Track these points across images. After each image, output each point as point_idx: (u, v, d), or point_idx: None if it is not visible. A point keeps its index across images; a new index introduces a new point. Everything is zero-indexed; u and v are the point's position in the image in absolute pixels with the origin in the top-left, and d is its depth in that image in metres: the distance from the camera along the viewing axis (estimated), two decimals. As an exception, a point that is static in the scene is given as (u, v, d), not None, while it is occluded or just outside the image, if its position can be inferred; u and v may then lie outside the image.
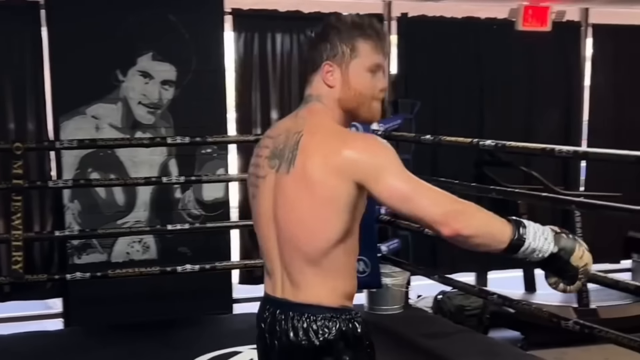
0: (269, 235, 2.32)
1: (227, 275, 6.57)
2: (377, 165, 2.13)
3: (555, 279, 2.26)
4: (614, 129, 7.76)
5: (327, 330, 2.24)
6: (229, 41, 6.67)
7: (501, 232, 2.14)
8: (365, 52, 2.25)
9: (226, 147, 6.54)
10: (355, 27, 2.26)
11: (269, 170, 2.30)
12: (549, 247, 2.17)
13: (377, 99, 2.30)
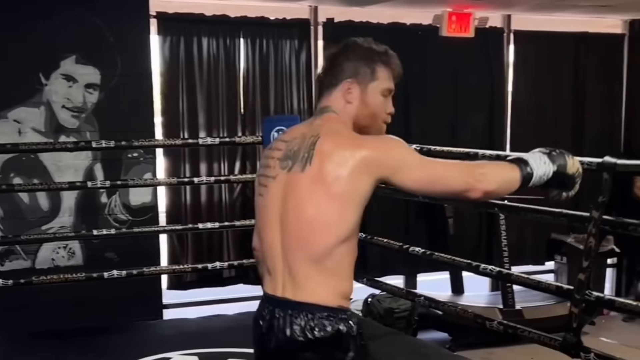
0: (273, 234, 2.42)
1: (155, 280, 6.49)
2: (397, 158, 2.34)
3: (557, 191, 2.56)
4: (536, 133, 7.94)
5: (323, 328, 2.34)
6: (155, 45, 6.59)
7: (514, 176, 2.43)
8: (382, 76, 2.47)
9: (153, 151, 6.47)
10: (376, 52, 2.48)
11: (280, 171, 2.42)
12: (550, 169, 2.48)
13: (385, 121, 2.52)
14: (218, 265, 6.20)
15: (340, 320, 2.37)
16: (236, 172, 6.86)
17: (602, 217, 3.49)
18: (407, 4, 6.84)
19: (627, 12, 7.72)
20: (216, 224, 6.22)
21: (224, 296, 7.09)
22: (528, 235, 7.85)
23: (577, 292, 3.63)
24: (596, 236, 3.55)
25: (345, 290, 2.42)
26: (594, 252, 3.58)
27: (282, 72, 6.98)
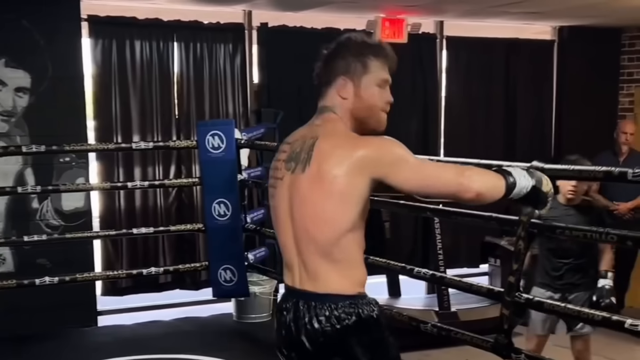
0: (287, 231, 2.56)
1: (89, 287, 6.42)
2: (394, 160, 2.43)
3: (531, 208, 2.68)
4: (469, 137, 8.06)
5: (347, 316, 2.48)
6: (86, 48, 6.51)
7: (500, 184, 2.56)
8: (375, 68, 2.54)
9: (86, 156, 6.41)
10: (366, 46, 2.56)
11: (286, 172, 2.56)
12: (529, 183, 2.61)
13: (384, 110, 2.59)
14: (153, 270, 6.16)
15: (361, 306, 2.50)
16: (171, 177, 6.81)
17: (530, 221, 3.56)
18: (341, 9, 6.88)
19: (556, 19, 7.90)
20: (151, 229, 6.19)
21: (160, 302, 7.03)
22: (463, 239, 7.97)
23: (507, 295, 3.70)
24: (525, 239, 3.62)
25: (359, 277, 2.54)
26: (524, 255, 3.65)
27: (216, 76, 6.96)
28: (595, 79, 8.47)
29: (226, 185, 5.90)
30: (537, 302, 3.72)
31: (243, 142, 5.98)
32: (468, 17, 7.56)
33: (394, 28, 7.27)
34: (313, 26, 7.27)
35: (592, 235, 3.35)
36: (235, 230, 5.96)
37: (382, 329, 2.56)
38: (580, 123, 8.40)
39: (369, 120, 2.58)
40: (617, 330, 3.24)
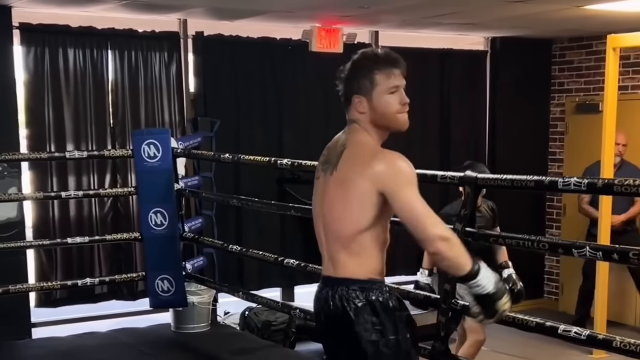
0: (320, 226, 3.01)
1: (23, 298, 6.28)
2: (398, 183, 2.79)
3: (480, 309, 2.84)
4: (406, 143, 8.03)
5: (356, 298, 2.87)
6: (18, 56, 6.41)
7: (465, 263, 2.77)
8: (381, 80, 2.89)
9: (19, 165, 6.29)
10: (373, 61, 2.92)
11: (321, 174, 3.02)
12: (489, 288, 2.77)
13: (401, 112, 2.94)
14: (89, 281, 6.09)
15: (371, 290, 2.89)
16: (106, 186, 6.73)
17: (465, 229, 3.63)
18: (277, 18, 6.90)
19: (488, 30, 8.04)
20: (86, 239, 6.11)
21: (96, 313, 6.94)
22: (401, 246, 8.01)
23: (443, 302, 3.76)
24: (461, 247, 3.69)
25: (374, 266, 2.92)
26: (459, 263, 3.71)
27: (152, 84, 6.90)
28: (527, 89, 8.66)
29: (163, 195, 5.86)
30: (473, 309, 3.79)
31: (179, 151, 5.95)
32: (403, 28, 7.65)
33: (330, 38, 7.31)
34: (249, 35, 7.27)
35: (525, 243, 3.43)
36: (172, 240, 5.92)
37: (390, 315, 2.89)
38: (513, 132, 8.58)
39: (389, 124, 2.95)
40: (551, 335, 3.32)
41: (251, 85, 7.32)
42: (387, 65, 2.90)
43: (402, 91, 2.93)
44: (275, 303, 5.61)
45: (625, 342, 3.05)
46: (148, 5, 6.15)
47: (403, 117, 2.95)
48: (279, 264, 5.30)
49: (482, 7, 6.32)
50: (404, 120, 2.96)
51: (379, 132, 2.96)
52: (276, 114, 7.47)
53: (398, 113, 2.93)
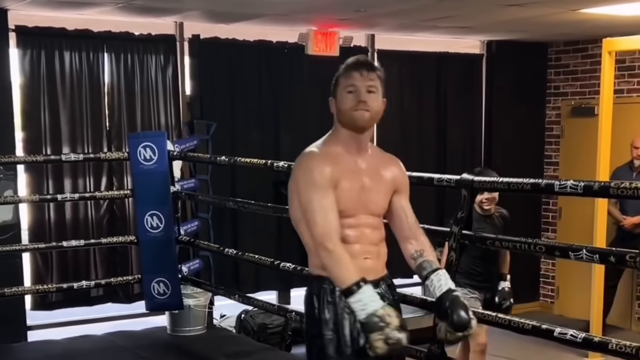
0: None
1: (18, 301, 6.27)
2: (301, 182, 3.03)
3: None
4: (402, 148, 8.13)
5: (307, 291, 3.09)
6: (14, 58, 6.40)
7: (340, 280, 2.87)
8: (342, 80, 3.06)
9: (14, 168, 6.28)
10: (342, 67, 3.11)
11: None
12: (360, 316, 2.78)
13: (355, 109, 3.00)
14: (84, 284, 6.09)
15: (315, 285, 3.04)
16: (102, 189, 6.72)
17: (461, 232, 3.64)
18: (273, 21, 6.90)
19: (484, 34, 8.06)
20: (82, 242, 6.11)
21: (92, 316, 6.93)
22: (397, 249, 8.01)
23: (439, 305, 3.75)
24: (457, 250, 3.70)
25: (319, 263, 2.97)
26: (456, 266, 3.72)
27: (148, 87, 6.90)
28: (523, 92, 8.68)
29: (159, 197, 5.87)
30: (469, 311, 3.79)
31: (175, 153, 5.96)
32: (399, 31, 7.66)
33: (326, 41, 7.32)
34: (245, 38, 7.27)
35: (522, 245, 3.43)
36: (168, 243, 5.92)
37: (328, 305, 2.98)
38: (509, 135, 8.60)
39: (346, 121, 3.04)
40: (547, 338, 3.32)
41: (247, 88, 7.32)
42: (348, 68, 3.06)
43: (360, 91, 2.99)
44: (271, 306, 5.62)
45: (621, 345, 3.06)
46: (144, 9, 6.15)
47: (358, 114, 2.99)
48: (275, 268, 5.30)
49: (478, 10, 6.33)
50: (357, 116, 2.99)
51: (344, 131, 3.06)
52: (272, 117, 7.48)
53: (352, 110, 2.99)
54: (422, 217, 4.26)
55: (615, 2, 5.93)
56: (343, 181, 2.97)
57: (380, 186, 3.10)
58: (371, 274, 3.01)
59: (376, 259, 3.13)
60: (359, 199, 3.01)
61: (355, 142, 3.06)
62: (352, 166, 3.03)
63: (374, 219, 3.10)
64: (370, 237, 3.09)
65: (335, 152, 3.04)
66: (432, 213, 8.01)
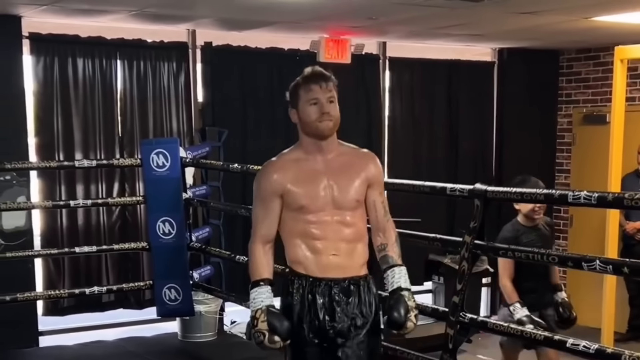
0: None
1: (30, 306, 6.30)
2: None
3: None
4: (412, 156, 8.16)
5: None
6: (28, 65, 6.44)
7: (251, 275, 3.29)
8: (303, 93, 3.25)
9: (27, 174, 6.31)
10: (300, 79, 3.30)
11: None
12: (250, 313, 3.21)
13: (320, 121, 3.22)
14: (96, 290, 6.11)
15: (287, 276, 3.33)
16: (115, 195, 6.75)
17: (474, 242, 3.64)
18: (285, 29, 6.92)
19: (496, 41, 8.06)
20: (94, 248, 6.13)
21: (103, 322, 6.95)
22: (406, 256, 7.97)
23: (452, 314, 3.77)
24: (469, 260, 3.70)
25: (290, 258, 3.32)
26: (468, 275, 3.72)
27: (160, 94, 6.93)
28: (535, 100, 8.67)
29: (171, 204, 5.88)
30: (481, 321, 3.80)
31: (188, 160, 5.98)
32: (411, 39, 7.67)
33: (338, 48, 7.33)
34: (257, 45, 7.30)
35: (534, 256, 3.43)
36: (180, 249, 5.93)
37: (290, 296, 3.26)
38: (521, 142, 8.59)
39: (310, 131, 3.26)
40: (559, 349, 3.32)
41: (259, 95, 7.33)
42: (307, 81, 3.25)
43: (322, 103, 3.21)
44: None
45: (634, 356, 3.05)
46: (157, 16, 6.18)
47: (323, 125, 3.22)
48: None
49: (490, 18, 6.33)
50: (323, 127, 3.23)
51: (307, 139, 3.30)
52: (284, 124, 7.47)
53: (318, 122, 3.22)
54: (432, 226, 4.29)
55: (628, 9, 5.93)
56: (298, 183, 3.25)
57: (348, 182, 3.29)
58: (337, 272, 3.23)
59: (346, 257, 3.26)
60: (323, 196, 3.24)
61: (317, 147, 3.29)
62: (313, 168, 3.28)
63: (345, 215, 3.27)
64: (340, 234, 3.25)
65: (295, 157, 3.32)
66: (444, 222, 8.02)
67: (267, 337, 3.11)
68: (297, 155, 3.32)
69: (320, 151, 3.29)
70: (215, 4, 5.74)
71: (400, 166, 7.90)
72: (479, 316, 3.88)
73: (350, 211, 3.27)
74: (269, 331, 3.10)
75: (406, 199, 7.80)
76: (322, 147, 3.28)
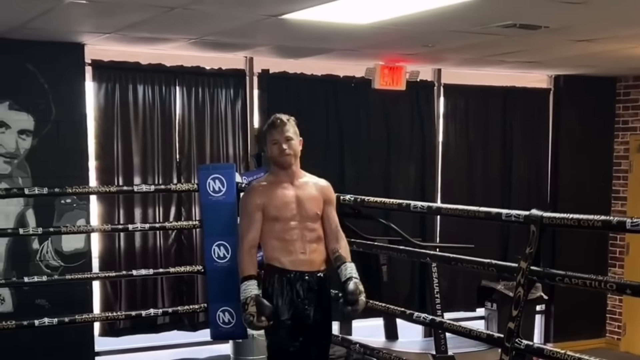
0: None
1: (88, 328, 6.40)
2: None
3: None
4: (466, 183, 8.13)
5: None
6: (90, 91, 6.60)
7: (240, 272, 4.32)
8: (268, 137, 4.40)
9: (87, 198, 6.44)
10: (266, 126, 4.47)
11: None
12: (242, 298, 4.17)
13: (280, 156, 4.36)
14: (152, 312, 6.18)
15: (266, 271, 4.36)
16: (171, 219, 6.85)
17: (530, 268, 3.62)
18: (341, 56, 6.99)
19: (552, 68, 8.02)
20: (150, 271, 6.21)
21: (158, 343, 7.03)
22: (459, 282, 7.98)
23: (507, 341, 3.74)
24: (525, 286, 3.68)
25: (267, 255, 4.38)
26: (523, 302, 3.70)
27: (217, 120, 7.04)
28: (591, 127, 8.61)
29: (226, 228, 5.93)
30: (537, 348, 3.77)
31: (243, 185, 6.04)
32: (466, 66, 7.68)
33: (393, 75, 7.36)
34: (313, 72, 7.38)
35: (592, 283, 3.41)
36: (234, 273, 5.90)
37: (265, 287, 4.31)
38: (576, 169, 8.52)
39: (275, 163, 4.40)
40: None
41: (314, 121, 7.40)
42: (269, 128, 4.40)
43: (281, 142, 4.32)
44: (335, 337, 5.62)
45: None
46: (216, 44, 6.29)
47: (282, 159, 4.35)
48: (338, 299, 5.33)
49: (546, 45, 6.32)
50: (283, 161, 4.35)
51: (276, 169, 4.43)
52: (337, 150, 7.54)
53: (279, 157, 4.35)
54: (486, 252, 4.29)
55: (687, 37, 5.87)
56: (273, 199, 4.31)
57: (311, 198, 4.38)
58: (305, 266, 4.28)
59: (312, 254, 4.32)
60: (291, 209, 4.31)
61: (284, 174, 4.40)
62: (284, 189, 4.35)
63: (311, 224, 4.34)
64: (308, 237, 4.32)
65: (270, 182, 4.41)
66: (497, 248, 7.97)
67: (256, 317, 4.05)
68: (271, 180, 4.42)
69: (287, 177, 4.38)
70: (273, 33, 5.83)
71: (454, 192, 7.89)
72: (534, 343, 3.84)
73: (312, 221, 4.35)
74: (257, 313, 4.04)
75: (459, 225, 7.83)
76: (289, 174, 4.38)
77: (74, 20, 5.46)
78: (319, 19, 5.18)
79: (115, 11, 5.02)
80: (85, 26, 5.73)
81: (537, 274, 3.66)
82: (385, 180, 7.75)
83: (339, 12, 4.94)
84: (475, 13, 4.99)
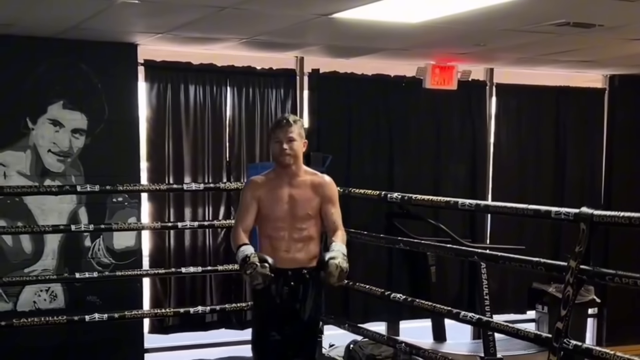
0: None
1: (137, 324, 6.48)
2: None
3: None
4: (517, 183, 8.03)
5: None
6: (142, 91, 6.67)
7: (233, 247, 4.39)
8: (273, 135, 4.47)
9: (139, 196, 6.51)
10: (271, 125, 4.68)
11: None
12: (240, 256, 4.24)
13: (280, 155, 4.40)
14: (200, 309, 6.23)
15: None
16: (220, 217, 6.89)
17: (579, 267, 3.55)
18: (392, 56, 6.96)
19: (607, 68, 7.88)
20: (199, 269, 6.27)
21: (206, 341, 7.08)
22: (510, 284, 7.89)
23: (555, 341, 3.68)
24: (574, 285, 3.61)
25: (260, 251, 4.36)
26: (572, 301, 3.63)
27: (267, 120, 7.06)
28: (646, 127, 8.44)
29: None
30: (586, 349, 3.69)
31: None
32: (518, 65, 7.59)
33: (444, 75, 7.31)
34: (363, 72, 7.36)
35: (642, 282, 3.33)
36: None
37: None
38: (631, 169, 8.36)
39: (276, 161, 4.46)
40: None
41: (364, 121, 7.39)
42: (274, 127, 4.49)
43: (283, 142, 4.37)
44: (380, 336, 5.60)
45: None
46: (267, 44, 6.32)
47: (281, 158, 4.40)
48: (386, 298, 5.31)
49: (600, 45, 6.21)
50: (281, 160, 4.41)
51: (276, 166, 4.50)
52: (387, 150, 7.51)
53: (279, 156, 4.41)
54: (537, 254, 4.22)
55: None
56: (267, 196, 4.42)
57: (304, 199, 4.43)
58: (287, 264, 4.34)
59: (296, 253, 4.40)
60: (283, 209, 4.40)
61: (284, 172, 4.46)
62: (279, 188, 4.43)
63: (300, 224, 4.41)
64: (296, 236, 4.41)
65: (269, 178, 4.50)
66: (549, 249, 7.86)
67: (259, 266, 4.13)
68: (271, 176, 4.52)
69: (286, 175, 4.46)
70: (323, 32, 5.84)
71: (505, 193, 7.77)
72: (583, 344, 3.76)
73: (302, 221, 4.41)
74: (260, 262, 4.13)
75: (509, 227, 7.73)
76: (288, 173, 4.45)
77: (126, 21, 5.54)
78: (369, 18, 5.17)
79: (166, 11, 5.07)
80: (137, 26, 5.81)
81: (587, 273, 3.58)
82: (435, 180, 7.70)
83: (388, 10, 4.93)
84: (527, 11, 4.93)
